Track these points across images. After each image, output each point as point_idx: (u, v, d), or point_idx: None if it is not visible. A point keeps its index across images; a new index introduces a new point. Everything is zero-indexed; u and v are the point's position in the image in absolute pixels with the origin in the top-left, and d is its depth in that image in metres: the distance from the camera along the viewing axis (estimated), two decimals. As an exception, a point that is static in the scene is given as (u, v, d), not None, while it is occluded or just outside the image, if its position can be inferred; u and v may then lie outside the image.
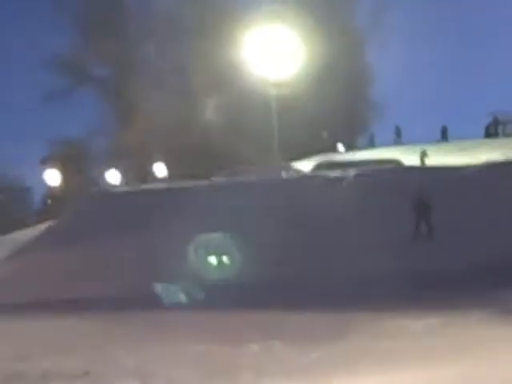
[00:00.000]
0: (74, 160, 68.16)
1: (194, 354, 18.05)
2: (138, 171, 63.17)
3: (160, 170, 63.57)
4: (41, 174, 67.45)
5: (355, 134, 64.48)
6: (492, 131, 65.45)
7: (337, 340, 18.99)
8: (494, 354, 16.39)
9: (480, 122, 79.90)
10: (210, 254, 29.85)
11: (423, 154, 49.58)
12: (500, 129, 66.62)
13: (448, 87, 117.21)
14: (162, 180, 60.03)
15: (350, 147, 57.72)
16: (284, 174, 43.45)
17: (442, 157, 48.54)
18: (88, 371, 16.76)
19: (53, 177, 65.96)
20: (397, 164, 43.93)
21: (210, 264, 29.67)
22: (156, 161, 63.30)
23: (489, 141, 58.67)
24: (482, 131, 66.35)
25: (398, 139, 57.55)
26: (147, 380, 16.19)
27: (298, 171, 47.69)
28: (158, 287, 26.65)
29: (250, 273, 27.32)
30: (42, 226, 40.54)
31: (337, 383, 14.60)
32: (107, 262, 29.45)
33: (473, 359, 15.63)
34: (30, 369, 18.10)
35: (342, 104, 59.63)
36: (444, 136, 62.23)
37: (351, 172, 38.57)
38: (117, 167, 65.95)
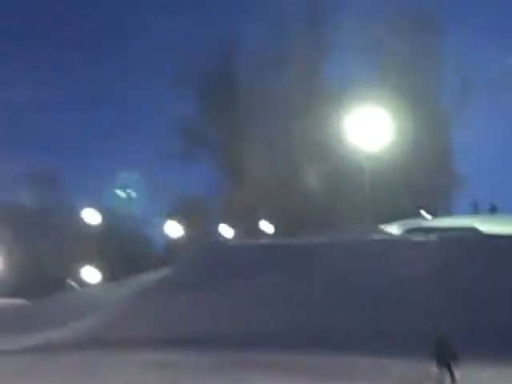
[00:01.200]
0: (192, 214, 70.22)
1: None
2: (246, 227, 64.27)
3: (266, 226, 64.94)
4: (162, 226, 70.02)
5: (437, 203, 64.26)
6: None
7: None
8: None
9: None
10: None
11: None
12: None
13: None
14: (268, 236, 61.40)
15: (434, 215, 58.16)
16: (375, 236, 44.03)
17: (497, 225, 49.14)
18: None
19: (172, 228, 68.40)
20: (475, 231, 44.83)
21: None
22: (262, 218, 64.69)
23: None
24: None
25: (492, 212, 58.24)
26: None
27: (386, 233, 48.97)
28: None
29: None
30: (162, 272, 42.43)
31: None
32: (219, 306, 31.13)
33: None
34: None
35: (426, 176, 60.60)
36: (493, 209, 62.55)
37: (433, 237, 40.04)
38: (229, 222, 67.72)
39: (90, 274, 66.25)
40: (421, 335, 23.61)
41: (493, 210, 52.64)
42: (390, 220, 54.38)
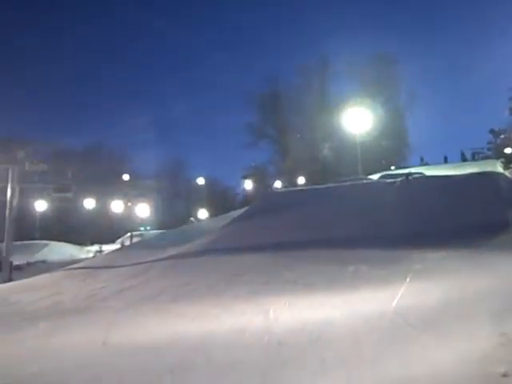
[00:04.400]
0: (258, 175, 70.91)
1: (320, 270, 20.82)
2: (290, 182, 65.28)
3: (301, 180, 65.51)
4: (242, 184, 71.02)
5: (401, 160, 65.76)
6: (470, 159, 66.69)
7: (394, 264, 21.23)
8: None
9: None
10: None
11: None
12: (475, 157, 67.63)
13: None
14: (302, 185, 61.41)
15: (397, 167, 59.09)
16: (364, 181, 44.64)
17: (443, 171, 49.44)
18: (267, 281, 19.36)
19: (248, 185, 69.32)
20: (422, 174, 45.13)
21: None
22: (299, 175, 65.45)
23: (469, 163, 59.75)
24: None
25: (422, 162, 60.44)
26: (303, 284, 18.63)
27: (370, 179, 48.92)
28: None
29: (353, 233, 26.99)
30: (243, 209, 41.92)
31: (397, 284, 16.22)
32: (274, 226, 30.23)
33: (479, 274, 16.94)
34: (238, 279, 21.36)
35: (393, 145, 61.79)
36: (445, 160, 63.28)
37: (399, 179, 38.41)
38: (280, 180, 68.48)
39: (203, 213, 66.68)
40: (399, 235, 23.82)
41: (429, 164, 52.82)
42: (372, 172, 55.74)
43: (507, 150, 56.55)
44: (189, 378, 9.84)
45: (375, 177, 52.07)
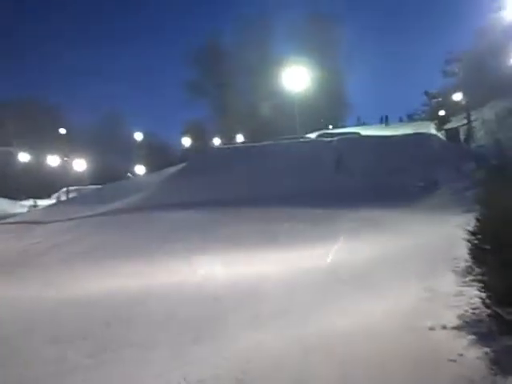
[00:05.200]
0: (197, 132, 70.46)
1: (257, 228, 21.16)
2: (228, 139, 65.22)
3: (240, 138, 65.57)
4: (181, 139, 70.41)
5: (338, 120, 66.15)
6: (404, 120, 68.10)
7: (329, 222, 21.64)
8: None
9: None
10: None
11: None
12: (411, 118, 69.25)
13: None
14: (241, 143, 62.19)
15: (335, 127, 59.57)
16: (301, 139, 45.17)
17: (379, 131, 50.67)
18: (203, 238, 19.90)
19: (186, 141, 68.81)
20: (358, 134, 45.78)
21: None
22: (237, 133, 65.46)
23: (404, 123, 60.98)
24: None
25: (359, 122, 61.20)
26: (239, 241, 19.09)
27: (308, 138, 49.89)
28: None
29: (289, 190, 28.17)
30: (180, 166, 41.51)
31: (331, 242, 16.76)
32: (211, 184, 30.85)
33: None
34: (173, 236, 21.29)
35: (330, 105, 62.44)
36: (386, 120, 64.39)
37: (335, 138, 40.70)
38: (218, 136, 68.30)
39: (140, 169, 66.07)
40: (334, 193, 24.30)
41: (366, 124, 53.63)
42: (310, 131, 56.91)
43: (441, 113, 57.89)
44: (124, 329, 9.89)
45: (313, 136, 52.50)
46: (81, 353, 8.85)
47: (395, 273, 12.05)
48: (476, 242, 8.28)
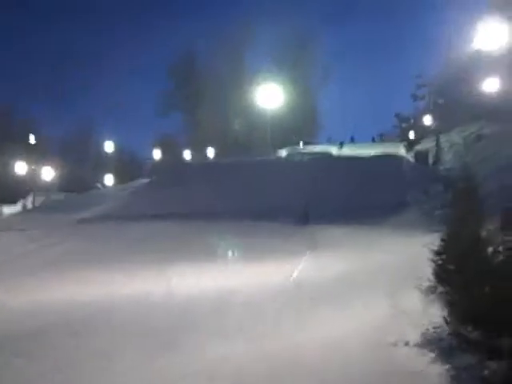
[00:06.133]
0: (168, 145, 70.28)
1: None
2: (199, 153, 65.24)
3: (211, 152, 65.62)
4: (151, 151, 70.25)
5: (309, 137, 66.16)
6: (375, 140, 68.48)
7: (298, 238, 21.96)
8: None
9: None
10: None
11: (340, 146, 53.55)
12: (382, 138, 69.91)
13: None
14: (211, 158, 62.76)
15: (306, 143, 59.78)
16: (273, 157, 46.66)
17: (351, 150, 51.22)
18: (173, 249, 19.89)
19: (157, 153, 68.74)
20: (329, 154, 46.73)
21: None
22: (209, 147, 65.51)
23: (375, 144, 61.62)
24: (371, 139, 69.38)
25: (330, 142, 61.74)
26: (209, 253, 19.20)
27: (278, 156, 50.51)
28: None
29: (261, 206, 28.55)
30: (149, 178, 42.34)
31: (299, 257, 17.38)
32: (182, 196, 31.08)
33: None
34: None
35: (302, 122, 63.02)
36: (352, 140, 65.05)
37: (306, 157, 42.26)
38: (190, 150, 68.28)
39: (109, 180, 65.68)
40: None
41: (341, 144, 53.77)
42: (281, 146, 56.17)
43: (411, 135, 58.84)
44: (92, 340, 9.82)
45: (284, 152, 52.90)
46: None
47: (362, 289, 12.22)
48: (440, 262, 8.52)
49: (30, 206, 49.58)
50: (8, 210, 47.53)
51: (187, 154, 68.45)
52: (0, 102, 69.32)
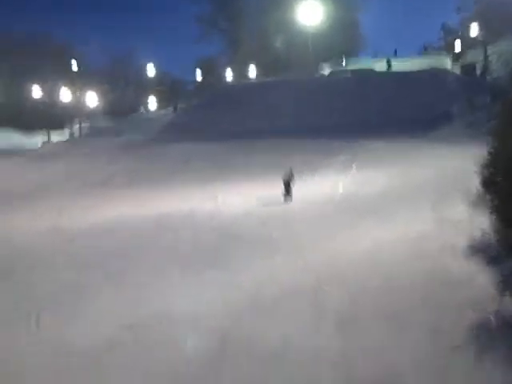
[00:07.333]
0: (209, 67, 69.49)
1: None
2: (240, 73, 64.17)
3: (252, 71, 64.42)
4: (195, 74, 69.90)
5: (352, 53, 64.03)
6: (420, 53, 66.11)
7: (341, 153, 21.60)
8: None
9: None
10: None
11: (388, 64, 51.02)
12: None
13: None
14: (253, 78, 60.89)
15: (348, 59, 58.31)
16: (316, 75, 47.02)
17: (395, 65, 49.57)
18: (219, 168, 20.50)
19: (199, 76, 68.41)
20: (372, 70, 44.55)
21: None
22: (250, 66, 64.35)
23: (419, 57, 59.45)
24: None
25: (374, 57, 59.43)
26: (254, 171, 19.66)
27: (322, 74, 50.65)
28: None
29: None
30: (194, 101, 43.37)
31: (344, 172, 17.65)
32: (226, 116, 31.35)
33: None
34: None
35: (344, 38, 60.65)
36: (395, 53, 62.67)
37: (349, 74, 42.20)
38: (231, 69, 67.33)
39: (152, 103, 65.83)
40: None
41: (388, 62, 50.81)
42: (323, 63, 56.01)
43: (457, 47, 56.77)
44: (141, 256, 10.13)
45: (326, 70, 51.85)
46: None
47: (405, 202, 12.28)
48: (487, 174, 8.28)
49: (76, 133, 50.21)
50: (57, 137, 48.14)
51: (229, 74, 67.57)
52: (39, 30, 68.83)
